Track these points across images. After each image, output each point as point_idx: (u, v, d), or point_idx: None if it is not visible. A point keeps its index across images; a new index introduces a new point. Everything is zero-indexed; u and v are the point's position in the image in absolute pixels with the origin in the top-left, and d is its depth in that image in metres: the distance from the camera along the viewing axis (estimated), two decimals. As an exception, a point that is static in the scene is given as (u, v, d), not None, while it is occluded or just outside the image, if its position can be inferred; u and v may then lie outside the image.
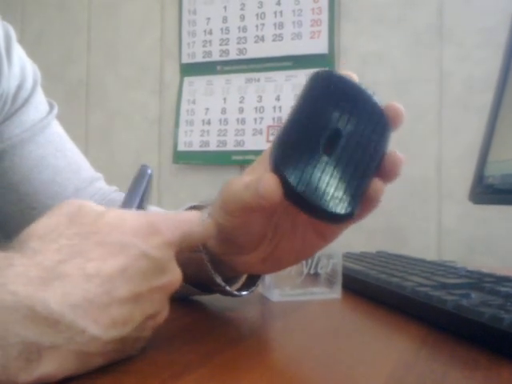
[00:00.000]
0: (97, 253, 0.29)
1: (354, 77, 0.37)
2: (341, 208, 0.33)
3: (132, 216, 0.32)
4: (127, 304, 0.29)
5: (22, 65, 0.57)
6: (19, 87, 0.56)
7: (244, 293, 0.46)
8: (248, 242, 0.39)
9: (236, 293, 0.45)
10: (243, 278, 0.48)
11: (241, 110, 1.75)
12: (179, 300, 0.49)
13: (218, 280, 0.42)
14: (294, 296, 0.51)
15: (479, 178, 0.63)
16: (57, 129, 0.61)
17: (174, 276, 0.32)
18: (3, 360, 0.25)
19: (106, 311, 0.28)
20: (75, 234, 0.30)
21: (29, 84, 0.57)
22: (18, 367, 0.25)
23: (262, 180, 0.33)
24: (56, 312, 0.26)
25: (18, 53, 0.57)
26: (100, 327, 0.27)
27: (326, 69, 0.36)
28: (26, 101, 0.57)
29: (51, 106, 0.61)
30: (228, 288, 0.43)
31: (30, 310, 0.25)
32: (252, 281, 0.47)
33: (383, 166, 0.35)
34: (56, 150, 0.59)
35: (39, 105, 0.59)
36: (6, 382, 0.25)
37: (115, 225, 0.31)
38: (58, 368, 0.26)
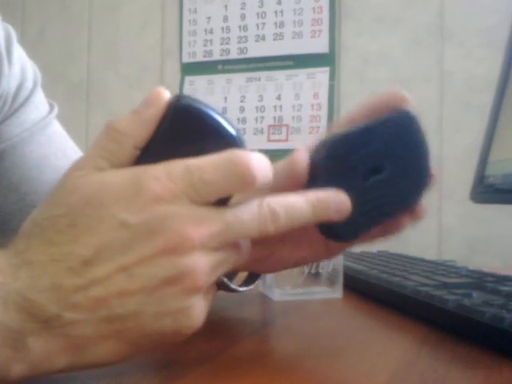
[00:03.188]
0: (67, 237, 0.26)
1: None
2: (344, 232, 0.34)
3: (116, 176, 0.28)
4: (112, 280, 0.26)
5: (23, 65, 0.57)
6: (19, 87, 0.56)
7: (243, 289, 0.46)
8: (253, 243, 0.38)
9: (234, 287, 0.44)
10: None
11: (241, 110, 1.75)
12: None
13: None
14: (294, 295, 0.51)
15: (480, 178, 0.63)
16: (57, 128, 0.61)
17: (173, 237, 0.26)
18: None
19: (85, 293, 0.26)
20: (44, 217, 0.28)
21: (29, 84, 0.58)
22: (7, 356, 0.25)
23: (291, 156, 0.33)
24: (25, 298, 0.25)
25: (19, 53, 0.58)
26: (78, 310, 0.26)
27: (409, 112, 0.36)
28: (26, 101, 0.57)
29: (51, 107, 0.61)
30: (230, 284, 0.43)
31: (5, 298, 0.25)
32: (251, 278, 0.47)
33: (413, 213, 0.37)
34: (57, 149, 0.59)
35: (39, 105, 0.59)
36: (0, 372, 0.25)
37: (92, 195, 0.27)
38: (49, 356, 0.26)
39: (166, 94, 0.30)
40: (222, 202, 0.29)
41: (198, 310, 0.27)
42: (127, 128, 0.29)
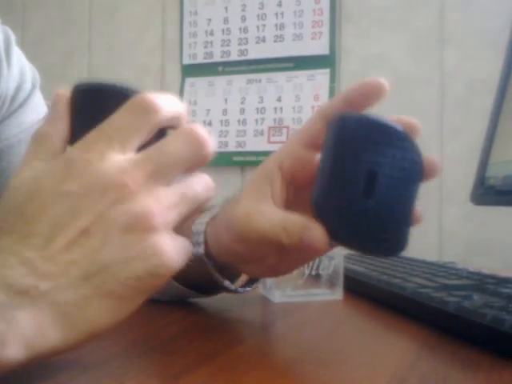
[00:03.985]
0: (19, 225, 0.28)
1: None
2: (390, 247, 0.35)
3: (47, 165, 0.30)
4: (75, 244, 0.27)
5: (21, 67, 0.58)
6: (18, 89, 0.57)
7: (243, 289, 0.46)
8: (254, 258, 0.38)
9: (234, 288, 0.44)
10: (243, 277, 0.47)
11: (242, 111, 1.75)
12: (177, 302, 0.49)
13: (216, 276, 0.42)
14: (295, 297, 0.51)
15: (481, 180, 0.63)
16: None
17: (111, 185, 0.28)
18: None
19: (52, 262, 0.27)
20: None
21: (27, 86, 0.58)
22: (1, 328, 0.25)
23: (307, 229, 0.32)
24: (2, 275, 0.26)
25: (18, 55, 0.58)
26: (52, 278, 0.27)
27: (348, 115, 0.34)
28: (25, 102, 0.57)
29: (50, 109, 0.61)
30: (230, 285, 0.43)
31: None
32: (252, 280, 0.47)
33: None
34: None
35: (38, 107, 0.59)
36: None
37: (30, 186, 0.30)
38: (41, 329, 0.26)
39: (66, 91, 0.32)
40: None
41: (164, 246, 0.28)
42: (47, 128, 0.32)
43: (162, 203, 0.29)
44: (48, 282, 0.26)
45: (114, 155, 0.29)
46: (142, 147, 0.30)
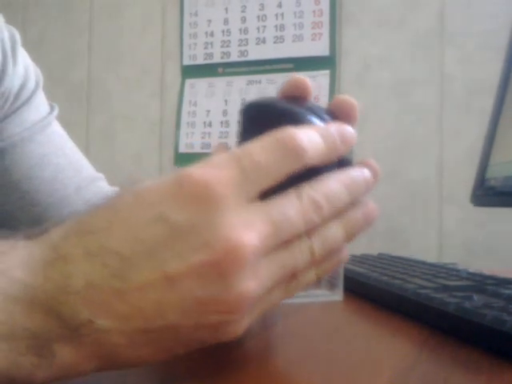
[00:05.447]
0: (104, 224, 0.24)
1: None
2: None
3: (169, 176, 0.25)
4: (155, 288, 0.23)
5: (26, 66, 0.58)
6: (22, 87, 0.57)
7: None
8: None
9: None
10: None
11: (242, 112, 1.75)
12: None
13: None
14: (295, 298, 0.51)
15: (481, 181, 0.63)
16: (57, 129, 0.62)
17: (220, 242, 0.23)
18: (13, 355, 0.23)
19: (123, 299, 0.23)
20: (96, 210, 0.25)
21: (31, 85, 0.58)
22: (32, 364, 0.23)
23: None
24: (56, 301, 0.23)
25: (23, 54, 0.58)
26: (112, 318, 0.23)
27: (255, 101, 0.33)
28: (28, 100, 0.57)
29: (52, 108, 0.62)
30: None
31: (32, 300, 0.23)
32: None
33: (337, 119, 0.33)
34: (57, 148, 0.59)
35: (40, 105, 0.60)
36: (23, 379, 0.23)
37: (139, 190, 0.25)
38: (77, 363, 0.24)
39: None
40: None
41: (239, 329, 0.26)
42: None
43: (261, 286, 0.25)
44: (106, 321, 0.23)
45: (236, 197, 0.24)
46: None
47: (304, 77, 0.32)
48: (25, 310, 0.23)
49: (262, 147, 0.26)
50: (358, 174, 0.30)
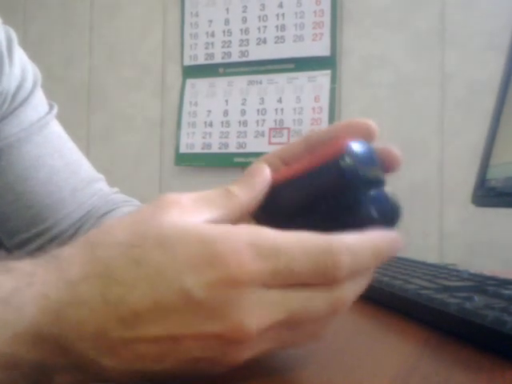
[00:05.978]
0: (129, 276, 0.24)
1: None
2: None
3: (197, 232, 0.25)
4: (159, 343, 0.25)
5: (23, 66, 0.58)
6: (19, 87, 0.57)
7: None
8: None
9: None
10: None
11: (243, 112, 1.76)
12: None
13: None
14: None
15: (481, 181, 0.63)
16: (56, 129, 0.61)
17: (232, 327, 0.25)
18: (10, 381, 0.24)
19: (128, 347, 0.24)
20: (118, 242, 0.25)
21: (29, 85, 0.58)
22: None
23: None
24: (66, 340, 0.24)
25: (20, 54, 0.58)
26: (119, 361, 0.25)
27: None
28: (25, 100, 0.57)
29: (51, 107, 0.61)
30: None
31: (41, 338, 0.24)
32: None
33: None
34: (53, 150, 0.59)
35: (38, 105, 0.59)
36: None
37: (166, 240, 0.25)
38: None
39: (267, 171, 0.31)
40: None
41: (236, 363, 0.27)
42: (237, 189, 0.29)
43: (255, 352, 0.26)
44: (110, 362, 0.24)
45: (260, 287, 0.25)
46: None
47: (368, 121, 0.33)
48: (30, 347, 0.24)
49: (305, 254, 0.26)
50: (387, 242, 0.30)
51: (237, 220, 0.29)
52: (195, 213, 0.27)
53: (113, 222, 0.27)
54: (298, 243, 0.26)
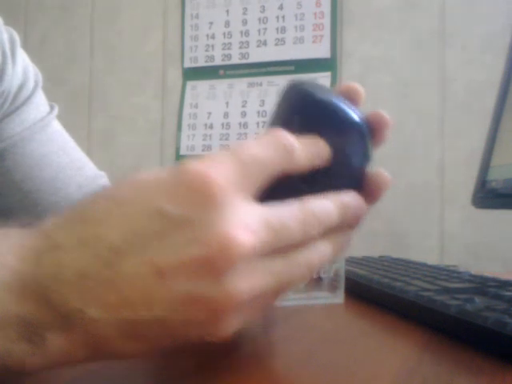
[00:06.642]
0: (99, 215, 0.24)
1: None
2: None
3: (168, 169, 0.25)
4: (145, 280, 0.23)
5: (25, 66, 0.58)
6: (21, 87, 0.57)
7: None
8: None
9: None
10: None
11: (243, 114, 1.76)
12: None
13: None
14: (296, 300, 0.51)
15: (482, 183, 0.63)
16: (57, 128, 0.62)
17: (215, 239, 0.23)
18: (5, 343, 0.23)
19: (111, 288, 0.23)
20: (93, 200, 0.25)
21: (30, 85, 0.58)
22: (23, 350, 0.23)
23: None
24: (48, 289, 0.23)
25: (22, 55, 0.59)
26: (104, 307, 0.23)
27: (297, 81, 0.32)
28: (27, 100, 0.58)
29: (52, 107, 0.62)
30: None
31: (23, 287, 0.23)
32: None
33: (367, 187, 0.32)
34: (58, 148, 0.60)
35: (40, 105, 0.60)
36: (15, 367, 0.23)
37: (137, 178, 0.25)
38: (69, 351, 0.24)
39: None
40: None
41: (229, 323, 0.25)
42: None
43: (252, 289, 0.24)
44: (95, 310, 0.23)
45: (235, 200, 0.24)
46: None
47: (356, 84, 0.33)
48: (16, 297, 0.23)
49: (258, 143, 0.26)
50: (348, 200, 0.30)
51: None
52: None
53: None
54: (250, 140, 0.27)
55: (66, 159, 0.60)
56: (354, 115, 0.31)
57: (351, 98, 0.33)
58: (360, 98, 0.33)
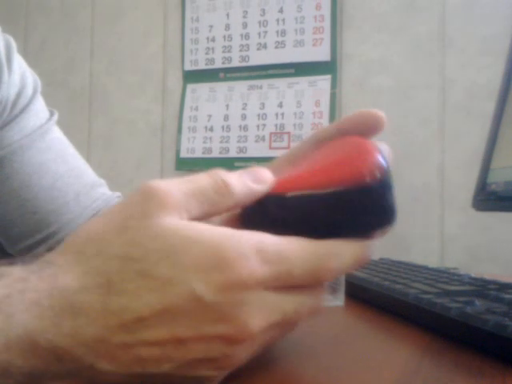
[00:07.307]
0: (133, 287, 0.24)
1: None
2: None
3: (202, 238, 0.25)
4: (162, 346, 0.24)
5: (22, 73, 0.58)
6: (19, 95, 0.57)
7: None
8: None
9: None
10: None
11: (243, 117, 1.76)
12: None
13: None
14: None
15: (482, 185, 0.63)
16: (57, 135, 0.61)
17: (237, 328, 0.25)
18: None
19: (129, 351, 0.24)
20: (116, 254, 0.25)
21: (28, 92, 0.58)
22: None
23: None
24: (61, 348, 0.23)
25: (19, 62, 0.58)
26: (117, 365, 0.24)
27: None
28: (26, 108, 0.57)
29: (51, 114, 0.61)
30: None
31: (34, 345, 0.23)
32: None
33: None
34: (56, 155, 0.59)
35: (39, 112, 0.60)
36: None
37: (174, 250, 0.25)
38: None
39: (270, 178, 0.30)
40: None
41: (221, 377, 0.27)
42: (236, 187, 0.29)
43: (256, 348, 0.27)
44: (107, 365, 0.24)
45: (263, 290, 0.26)
46: None
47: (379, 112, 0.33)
48: (25, 351, 0.23)
49: (304, 261, 0.27)
50: (364, 253, 0.31)
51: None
52: (183, 210, 0.26)
53: (97, 225, 0.26)
54: (300, 251, 0.27)
55: (64, 167, 0.59)
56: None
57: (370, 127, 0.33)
58: (381, 126, 0.33)
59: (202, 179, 0.28)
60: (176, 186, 0.27)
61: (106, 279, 0.24)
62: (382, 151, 0.30)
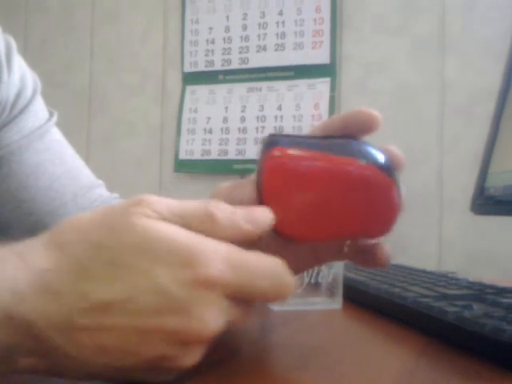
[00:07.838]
0: (104, 274, 0.26)
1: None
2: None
3: (177, 236, 0.27)
4: (123, 335, 0.26)
5: (22, 74, 0.58)
6: (18, 95, 0.57)
7: None
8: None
9: None
10: None
11: (242, 119, 1.76)
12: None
13: None
14: (294, 305, 0.51)
15: (480, 189, 0.63)
16: (56, 136, 0.61)
17: (197, 325, 0.26)
18: None
19: (92, 335, 0.25)
20: (91, 242, 0.26)
21: (28, 92, 0.58)
22: None
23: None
24: (33, 322, 0.25)
25: (19, 62, 0.58)
26: (81, 350, 0.26)
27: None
28: (25, 108, 0.57)
29: (51, 114, 0.61)
30: None
31: (9, 319, 0.25)
32: None
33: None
34: (54, 156, 0.59)
35: (38, 113, 0.59)
36: None
37: (147, 245, 0.26)
38: (34, 370, 0.26)
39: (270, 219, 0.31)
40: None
41: (184, 366, 0.28)
42: (222, 221, 0.29)
43: (217, 323, 0.27)
44: (73, 350, 0.26)
45: (223, 295, 0.27)
46: None
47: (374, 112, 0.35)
48: (2, 323, 0.25)
49: (265, 273, 0.28)
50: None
51: None
52: (165, 220, 0.27)
53: (80, 219, 0.28)
54: (261, 261, 0.28)
55: (61, 168, 0.59)
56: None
57: (366, 125, 0.35)
58: (376, 126, 0.35)
59: (194, 206, 0.29)
60: (166, 201, 0.28)
61: (79, 264, 0.26)
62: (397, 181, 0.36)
